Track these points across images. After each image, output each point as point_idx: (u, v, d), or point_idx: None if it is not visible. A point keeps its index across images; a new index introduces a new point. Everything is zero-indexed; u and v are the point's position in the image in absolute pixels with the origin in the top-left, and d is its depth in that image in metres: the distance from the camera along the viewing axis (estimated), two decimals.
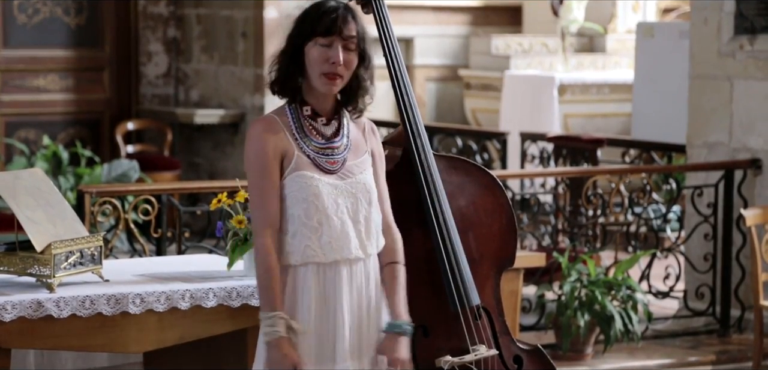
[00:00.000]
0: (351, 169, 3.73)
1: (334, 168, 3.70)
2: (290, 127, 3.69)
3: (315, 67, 3.68)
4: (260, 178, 3.64)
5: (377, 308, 3.78)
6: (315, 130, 3.71)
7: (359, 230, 3.71)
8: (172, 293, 3.97)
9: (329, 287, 3.67)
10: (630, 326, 6.70)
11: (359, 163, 3.75)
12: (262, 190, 3.64)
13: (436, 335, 4.19)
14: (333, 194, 3.68)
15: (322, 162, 3.69)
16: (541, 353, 4.39)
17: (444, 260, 4.19)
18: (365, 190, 3.73)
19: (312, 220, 3.65)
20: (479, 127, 11.52)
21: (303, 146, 3.69)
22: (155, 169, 10.57)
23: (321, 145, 3.71)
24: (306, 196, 3.65)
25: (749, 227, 6.90)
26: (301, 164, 3.67)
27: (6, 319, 3.77)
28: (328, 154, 3.70)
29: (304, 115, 3.71)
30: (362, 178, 3.74)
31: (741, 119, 7.54)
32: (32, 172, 4.15)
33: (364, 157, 3.78)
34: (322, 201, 3.66)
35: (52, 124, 10.96)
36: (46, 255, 3.90)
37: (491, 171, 4.47)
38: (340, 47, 3.67)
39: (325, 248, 3.67)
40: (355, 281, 3.72)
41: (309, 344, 3.66)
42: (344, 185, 3.70)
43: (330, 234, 3.66)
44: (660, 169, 8.47)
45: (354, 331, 3.70)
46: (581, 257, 6.97)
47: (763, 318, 6.85)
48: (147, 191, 6.43)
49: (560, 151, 9.34)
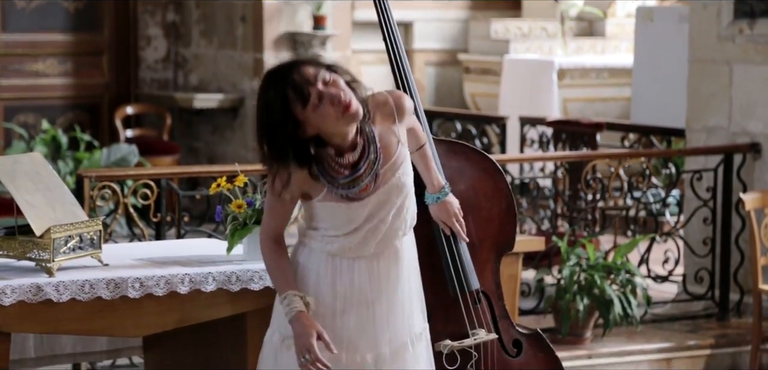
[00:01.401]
0: (385, 176, 3.71)
1: (367, 193, 3.69)
2: (315, 176, 3.67)
3: (331, 120, 3.61)
4: (274, 200, 3.71)
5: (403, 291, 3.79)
6: (340, 166, 3.68)
7: (388, 226, 3.72)
8: (172, 277, 3.97)
9: (343, 276, 3.70)
10: (629, 310, 6.70)
11: (393, 165, 3.72)
12: (273, 210, 3.73)
13: (436, 319, 4.19)
14: (365, 212, 3.70)
15: (353, 194, 3.69)
16: (541, 337, 4.40)
17: (444, 244, 4.20)
18: (399, 188, 3.73)
19: (339, 231, 3.70)
20: (478, 111, 11.52)
21: (331, 188, 3.67)
22: (154, 153, 10.56)
23: (347, 179, 3.68)
24: (338, 223, 3.69)
25: (748, 211, 6.90)
26: (331, 198, 3.68)
27: (5, 303, 3.77)
28: (357, 184, 3.68)
29: (329, 156, 3.67)
30: (397, 177, 3.72)
31: (740, 103, 7.54)
32: (31, 156, 4.15)
33: (398, 152, 3.73)
34: (354, 223, 3.69)
35: (51, 109, 10.96)
36: (45, 239, 3.90)
37: (490, 155, 4.47)
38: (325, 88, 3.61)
39: (345, 250, 3.72)
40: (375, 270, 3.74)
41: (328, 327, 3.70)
42: (376, 196, 3.70)
43: (351, 241, 3.71)
44: (659, 154, 8.47)
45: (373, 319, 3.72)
46: (580, 241, 6.97)
47: (762, 302, 6.86)
48: (146, 175, 6.42)
49: (559, 135, 9.34)
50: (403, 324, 3.78)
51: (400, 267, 3.80)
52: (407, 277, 3.82)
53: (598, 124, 9.25)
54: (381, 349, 3.72)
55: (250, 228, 4.12)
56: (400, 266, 3.80)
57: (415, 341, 3.81)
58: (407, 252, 3.82)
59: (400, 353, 3.76)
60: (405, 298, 3.80)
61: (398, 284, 3.79)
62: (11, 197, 3.96)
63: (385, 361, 3.74)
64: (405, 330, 3.78)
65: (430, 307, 4.20)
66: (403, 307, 3.79)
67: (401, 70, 4.27)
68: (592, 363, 6.73)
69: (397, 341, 3.76)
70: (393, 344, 3.75)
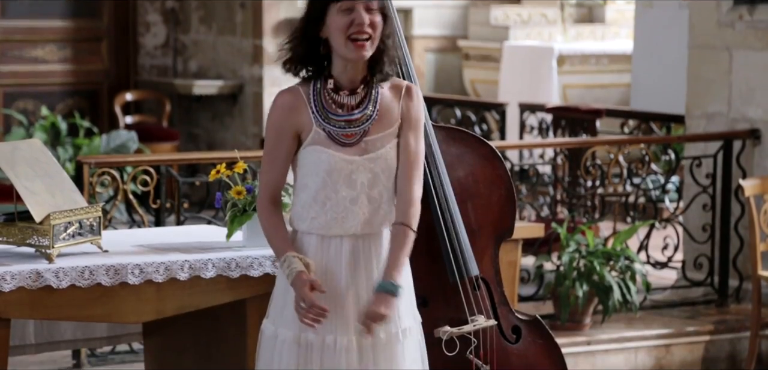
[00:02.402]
0: (373, 143, 3.68)
1: (352, 141, 3.66)
2: (310, 101, 3.67)
3: (340, 35, 3.62)
4: (272, 148, 3.70)
5: None
6: (335, 103, 3.68)
7: (371, 206, 3.68)
8: (171, 263, 3.97)
9: (330, 259, 3.68)
10: (628, 296, 6.71)
11: (384, 137, 3.69)
12: (271, 158, 3.70)
13: (435, 305, 4.20)
14: (347, 170, 3.66)
15: (338, 135, 3.66)
16: (540, 324, 4.40)
17: (443, 230, 4.20)
18: (386, 166, 3.69)
19: (321, 193, 3.66)
20: (478, 98, 11.51)
21: (321, 121, 3.66)
22: (154, 140, 10.56)
23: (339, 117, 3.67)
24: (318, 170, 3.66)
25: (748, 198, 6.90)
26: (317, 139, 3.66)
27: (5, 289, 3.77)
28: (344, 127, 3.67)
29: (326, 89, 3.68)
30: (384, 152, 3.68)
31: (740, 90, 7.53)
32: (31, 142, 4.15)
33: (393, 128, 3.70)
34: (333, 177, 3.65)
35: (50, 95, 10.95)
36: (44, 226, 3.90)
37: (490, 142, 4.47)
38: (362, 10, 3.62)
39: (330, 223, 3.67)
40: (361, 254, 3.70)
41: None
42: (363, 160, 3.67)
43: (335, 210, 3.67)
44: (659, 140, 8.47)
45: (354, 305, 3.70)
46: (580, 227, 6.98)
47: (761, 288, 6.86)
48: (146, 161, 6.42)
49: (559, 121, 9.33)
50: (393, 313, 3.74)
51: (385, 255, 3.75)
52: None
53: (597, 110, 9.25)
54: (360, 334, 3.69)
55: (249, 215, 4.12)
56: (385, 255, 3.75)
57: (404, 335, 3.74)
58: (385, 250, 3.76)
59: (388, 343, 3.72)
60: None
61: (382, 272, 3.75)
62: (11, 184, 3.96)
63: (367, 349, 3.69)
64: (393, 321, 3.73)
65: (430, 293, 4.20)
66: None
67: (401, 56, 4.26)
68: (591, 349, 6.74)
69: (383, 330, 3.71)
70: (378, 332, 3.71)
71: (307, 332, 3.67)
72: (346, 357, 3.67)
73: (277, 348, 3.71)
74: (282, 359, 3.70)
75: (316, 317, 3.61)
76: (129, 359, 6.15)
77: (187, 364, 4.40)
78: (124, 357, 6.17)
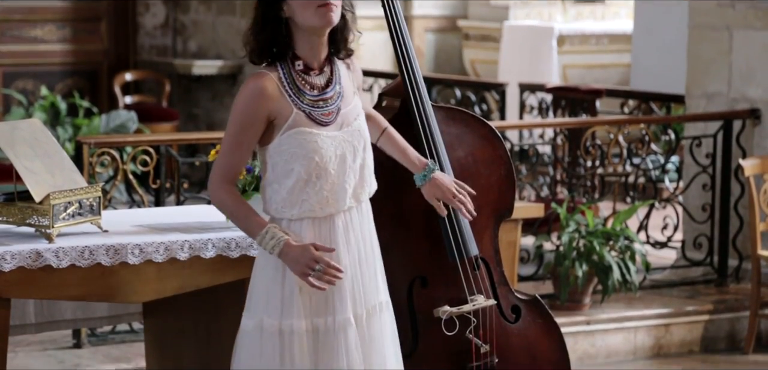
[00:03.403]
0: (346, 117, 3.72)
1: (330, 120, 3.69)
2: (284, 85, 3.67)
3: (306, 7, 3.63)
4: (239, 132, 3.65)
5: (373, 250, 3.79)
6: (308, 84, 3.70)
7: (356, 178, 3.71)
8: (171, 243, 3.98)
9: (325, 239, 3.68)
10: (628, 276, 6.72)
11: (353, 109, 3.75)
12: (236, 142, 3.65)
13: (435, 285, 4.20)
14: (332, 147, 3.68)
15: (317, 115, 3.68)
16: (539, 303, 4.41)
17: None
18: (360, 136, 3.74)
19: (311, 175, 3.65)
20: (478, 78, 11.50)
21: (298, 102, 3.67)
22: (153, 120, 10.56)
23: (315, 97, 3.69)
24: (306, 152, 3.65)
25: (748, 177, 6.90)
26: (299, 121, 3.66)
27: (5, 269, 3.78)
28: (321, 106, 3.70)
29: (296, 70, 3.70)
30: (357, 124, 3.74)
31: (740, 69, 7.53)
32: (30, 122, 4.15)
33: (355, 101, 3.78)
34: (322, 156, 3.66)
35: (49, 75, 10.95)
36: (44, 205, 3.90)
37: (490, 122, 4.46)
38: None
39: (322, 203, 3.68)
40: (350, 228, 3.72)
41: (306, 296, 3.67)
42: (342, 135, 3.70)
43: (327, 189, 3.67)
44: (659, 120, 8.47)
45: (351, 279, 3.71)
46: (579, 207, 6.98)
47: (760, 267, 6.87)
48: (145, 141, 6.42)
49: (559, 102, 9.33)
50: (376, 286, 3.77)
51: (371, 226, 3.79)
52: (374, 239, 3.81)
53: (597, 90, 9.24)
54: (357, 310, 3.71)
55: (249, 194, 4.12)
56: (372, 226, 3.79)
57: (382, 308, 3.78)
58: (371, 217, 3.81)
59: (373, 316, 3.75)
60: (376, 259, 3.79)
61: (372, 242, 3.78)
62: (10, 163, 3.95)
63: (362, 323, 3.72)
64: (375, 293, 3.77)
65: (429, 273, 4.21)
66: (375, 269, 3.78)
67: (400, 36, 4.26)
68: (590, 329, 6.75)
69: (370, 304, 3.74)
70: (366, 306, 3.74)
71: (319, 317, 3.67)
72: (348, 336, 3.68)
73: (286, 342, 3.65)
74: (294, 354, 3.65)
75: (335, 275, 3.60)
76: (129, 338, 6.16)
77: (187, 343, 4.41)
78: (125, 337, 6.18)
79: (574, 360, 5.47)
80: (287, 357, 3.66)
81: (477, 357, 4.22)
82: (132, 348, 6.04)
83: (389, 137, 4.02)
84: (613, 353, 6.81)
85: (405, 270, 4.13)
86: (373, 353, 3.73)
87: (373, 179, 3.79)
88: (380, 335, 3.75)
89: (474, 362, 4.22)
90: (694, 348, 6.99)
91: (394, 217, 4.05)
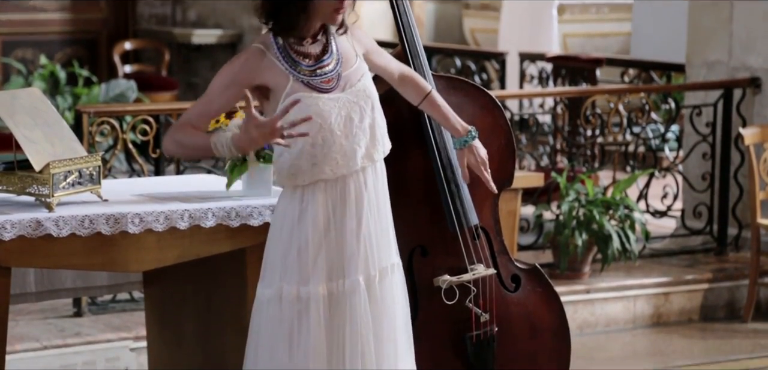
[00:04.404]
0: (349, 79, 3.74)
1: (330, 86, 3.71)
2: (278, 58, 3.70)
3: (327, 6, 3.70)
4: (220, 90, 3.72)
5: (386, 211, 3.80)
6: (302, 54, 3.72)
7: (366, 138, 3.73)
8: (171, 212, 3.98)
9: (337, 201, 3.70)
10: (627, 245, 6.72)
11: (355, 71, 3.76)
12: (212, 98, 3.74)
13: (435, 254, 4.21)
14: (335, 108, 3.69)
15: (316, 83, 3.70)
16: (539, 272, 4.42)
17: (442, 180, 4.20)
18: (366, 95, 3.74)
19: (317, 138, 3.67)
20: (478, 47, 11.49)
21: (294, 73, 3.69)
22: (153, 89, 10.55)
23: (311, 67, 3.72)
24: (310, 114, 3.65)
25: (747, 146, 6.90)
26: (297, 88, 3.68)
27: (5, 238, 3.78)
28: (320, 74, 3.71)
29: (289, 43, 3.72)
30: (361, 84, 3.75)
31: (740, 38, 7.51)
32: (30, 91, 4.14)
33: (358, 63, 3.79)
34: (326, 119, 3.67)
35: (49, 44, 10.93)
36: (44, 174, 3.90)
37: (490, 91, 4.46)
38: None
39: (333, 166, 3.70)
40: (364, 188, 3.74)
41: (322, 260, 3.69)
42: (346, 96, 3.71)
43: (336, 152, 3.69)
44: (659, 89, 8.46)
45: (364, 239, 3.72)
46: (579, 176, 6.98)
47: (760, 236, 6.88)
48: (145, 111, 6.42)
49: (559, 71, 9.32)
50: (388, 247, 3.79)
51: (385, 187, 3.81)
52: (387, 200, 3.83)
53: (597, 59, 9.23)
54: (370, 271, 3.73)
55: (249, 164, 4.12)
56: (385, 186, 3.81)
57: (393, 270, 3.81)
58: (384, 177, 3.83)
59: (384, 277, 3.77)
60: (389, 220, 3.80)
61: (385, 202, 3.81)
62: (10, 132, 3.95)
63: (374, 284, 3.75)
64: (388, 255, 3.79)
65: (429, 243, 4.21)
66: (388, 230, 3.80)
67: (400, 5, 4.25)
68: (590, 298, 6.76)
69: (382, 264, 3.77)
70: (379, 266, 3.76)
71: (333, 281, 3.69)
72: (357, 299, 3.71)
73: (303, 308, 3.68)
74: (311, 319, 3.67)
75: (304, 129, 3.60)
76: (130, 307, 6.17)
77: (187, 312, 4.42)
78: (125, 306, 6.19)
79: (573, 329, 5.49)
80: (304, 323, 3.69)
81: (477, 326, 4.23)
82: (132, 317, 6.05)
83: (431, 102, 4.03)
84: (613, 321, 6.82)
85: (405, 239, 4.13)
86: (384, 315, 3.76)
87: (387, 139, 3.80)
88: (391, 298, 3.78)
89: (474, 330, 4.23)
90: (694, 317, 7.00)
91: (395, 186, 4.05)
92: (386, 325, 3.76)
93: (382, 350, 3.74)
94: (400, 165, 4.11)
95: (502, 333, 4.28)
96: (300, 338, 3.69)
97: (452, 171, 4.20)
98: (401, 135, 4.09)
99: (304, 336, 3.69)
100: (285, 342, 3.69)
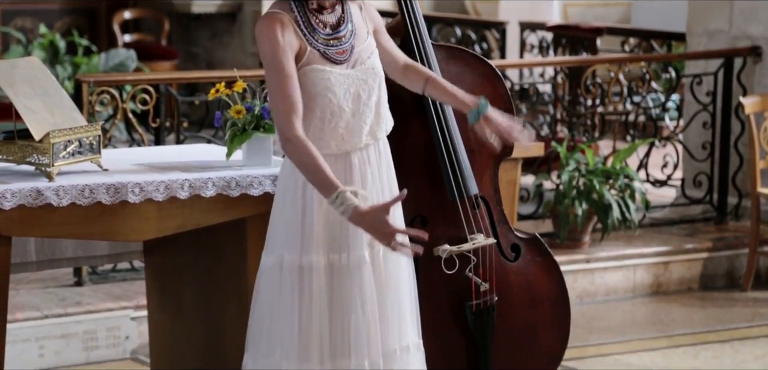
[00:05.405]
0: (360, 55, 3.75)
1: (344, 57, 3.71)
2: (298, 23, 3.69)
3: None
4: (279, 75, 3.62)
5: (390, 187, 3.81)
6: (321, 23, 3.72)
7: (371, 116, 3.74)
8: (171, 182, 3.98)
9: (340, 176, 3.70)
10: (627, 214, 6.73)
11: (366, 47, 3.77)
12: (282, 83, 3.62)
13: (435, 224, 4.21)
14: (345, 84, 3.70)
15: (331, 53, 3.70)
16: (539, 242, 4.42)
17: (442, 150, 4.20)
18: (375, 74, 3.76)
19: (325, 113, 3.68)
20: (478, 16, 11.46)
21: (312, 41, 3.69)
22: (153, 58, 10.53)
23: (328, 36, 3.71)
24: (319, 90, 3.67)
25: (748, 115, 6.90)
26: (313, 59, 3.68)
27: (6, 207, 3.78)
28: (335, 44, 3.71)
29: (310, 9, 3.71)
30: (371, 62, 3.76)
31: (741, 6, 7.50)
32: (29, 60, 4.14)
33: (369, 39, 3.79)
34: (335, 93, 3.68)
35: (48, 13, 10.91)
36: (44, 144, 3.90)
37: (490, 61, 4.45)
38: None
39: (338, 141, 3.71)
40: (367, 165, 3.75)
41: (325, 232, 3.70)
42: (356, 73, 3.72)
43: (342, 127, 3.70)
44: (659, 58, 8.45)
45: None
46: (579, 146, 6.98)
47: (760, 205, 6.88)
48: (145, 80, 6.41)
49: (559, 40, 9.31)
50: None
51: (389, 163, 3.82)
52: (392, 176, 3.84)
53: (598, 28, 9.21)
54: (375, 245, 3.74)
55: (249, 134, 4.12)
56: (390, 163, 3.82)
57: None
58: (389, 154, 3.82)
59: (389, 252, 3.76)
60: (393, 196, 3.80)
61: (390, 179, 3.82)
62: (10, 102, 3.95)
63: (378, 258, 3.76)
64: None
65: (429, 212, 4.22)
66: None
67: None
68: (590, 267, 6.77)
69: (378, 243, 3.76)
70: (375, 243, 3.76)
71: (335, 253, 3.69)
72: (362, 273, 3.71)
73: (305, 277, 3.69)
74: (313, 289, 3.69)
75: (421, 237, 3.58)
76: (130, 276, 6.18)
77: (187, 281, 4.43)
78: (126, 275, 6.20)
79: (573, 298, 5.50)
80: (306, 292, 3.70)
81: (477, 295, 4.24)
82: (133, 286, 6.06)
83: (434, 84, 3.97)
84: (613, 290, 6.83)
85: (405, 209, 4.13)
86: (389, 290, 3.77)
87: (389, 116, 3.81)
88: (396, 273, 3.79)
89: (474, 300, 4.24)
90: (693, 286, 7.01)
91: (395, 156, 4.05)
92: (391, 298, 3.77)
93: (387, 322, 3.75)
94: (400, 135, 4.11)
95: (501, 302, 4.29)
96: (301, 306, 3.70)
97: (452, 141, 4.20)
98: (401, 105, 4.09)
99: (305, 305, 3.70)
100: (284, 309, 3.70)
